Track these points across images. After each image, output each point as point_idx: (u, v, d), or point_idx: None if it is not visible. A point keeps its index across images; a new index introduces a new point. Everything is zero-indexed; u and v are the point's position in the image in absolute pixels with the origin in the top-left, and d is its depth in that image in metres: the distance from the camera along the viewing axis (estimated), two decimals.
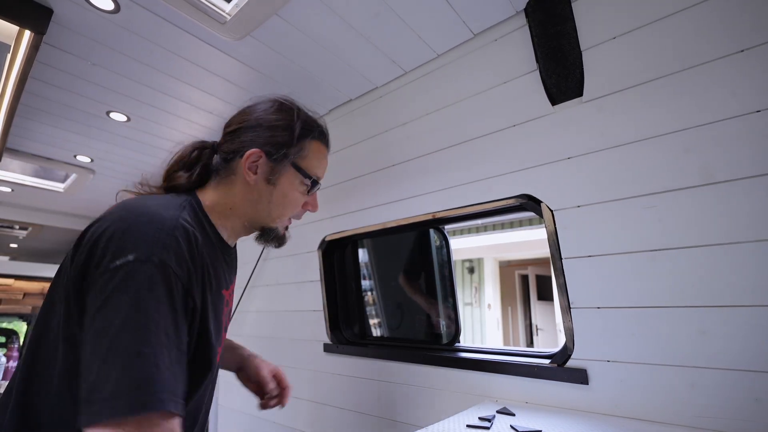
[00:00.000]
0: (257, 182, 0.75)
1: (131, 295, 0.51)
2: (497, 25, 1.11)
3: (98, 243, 0.55)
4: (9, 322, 3.07)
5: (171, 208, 0.63)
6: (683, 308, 0.81)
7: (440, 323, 1.56)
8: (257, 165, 0.74)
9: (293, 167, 0.77)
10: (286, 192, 0.78)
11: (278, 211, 0.78)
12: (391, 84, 1.39)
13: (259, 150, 0.74)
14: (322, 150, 0.83)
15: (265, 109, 0.78)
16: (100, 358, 0.47)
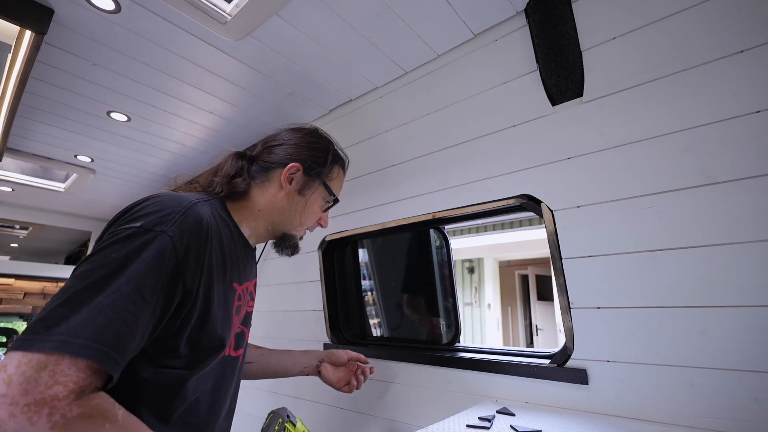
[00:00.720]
0: (290, 192, 0.85)
1: (123, 253, 0.54)
2: (497, 26, 1.11)
3: (121, 215, 0.62)
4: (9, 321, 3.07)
5: (194, 197, 0.70)
6: (683, 308, 0.81)
7: (440, 323, 1.56)
8: (294, 177, 0.85)
9: (322, 185, 0.89)
10: (311, 204, 0.89)
11: (302, 220, 0.88)
12: (391, 84, 1.39)
13: (299, 164, 0.85)
14: (342, 177, 0.97)
15: (307, 133, 0.92)
16: (68, 297, 0.49)
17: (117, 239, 0.56)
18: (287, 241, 0.90)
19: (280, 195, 0.84)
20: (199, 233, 0.63)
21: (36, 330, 0.46)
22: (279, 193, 0.84)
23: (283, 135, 0.92)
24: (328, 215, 0.97)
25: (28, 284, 3.19)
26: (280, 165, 0.85)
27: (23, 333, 0.47)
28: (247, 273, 0.83)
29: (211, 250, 0.66)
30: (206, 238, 0.65)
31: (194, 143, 1.92)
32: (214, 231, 0.68)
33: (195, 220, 0.63)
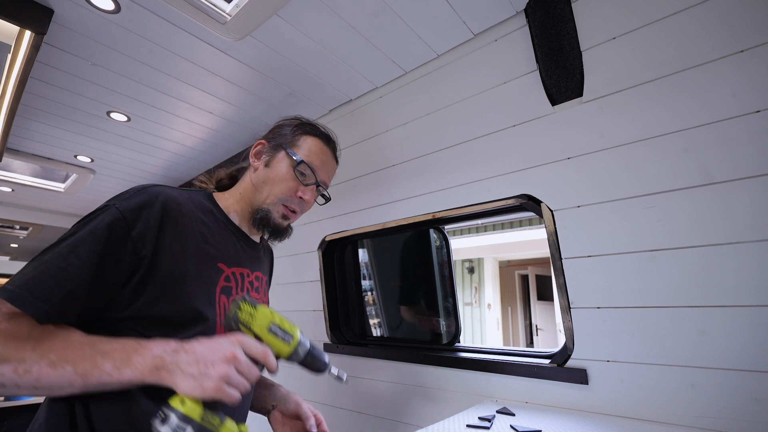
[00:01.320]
0: (259, 168, 0.88)
1: (80, 224, 0.63)
2: (497, 26, 1.11)
3: None
4: None
5: (168, 186, 0.75)
6: (683, 308, 0.81)
7: (440, 323, 1.56)
8: (261, 152, 0.90)
9: (285, 151, 0.88)
10: (276, 172, 0.87)
11: (269, 189, 0.86)
12: (391, 84, 1.39)
13: (262, 141, 0.91)
14: (317, 144, 0.91)
15: (280, 121, 0.95)
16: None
17: (89, 215, 0.64)
18: (261, 220, 0.85)
19: (253, 174, 0.89)
20: (155, 206, 0.67)
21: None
22: (253, 173, 0.89)
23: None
24: (312, 191, 0.89)
25: None
26: (250, 149, 0.91)
27: None
28: (242, 259, 0.84)
29: (180, 225, 0.70)
30: (165, 212, 0.68)
31: (194, 143, 1.92)
32: (186, 209, 0.73)
33: (151, 196, 0.68)
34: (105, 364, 0.55)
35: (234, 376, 0.56)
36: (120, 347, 0.57)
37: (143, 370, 0.56)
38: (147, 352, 0.57)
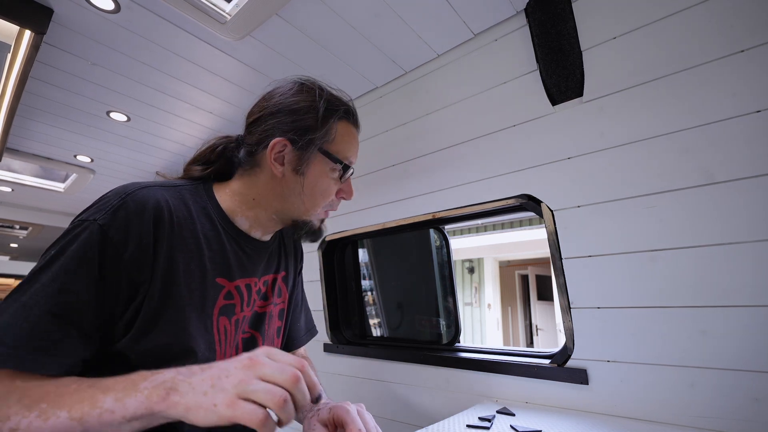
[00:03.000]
0: (285, 173, 0.69)
1: (57, 249, 0.51)
2: (497, 25, 1.11)
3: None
4: None
5: (153, 185, 0.61)
6: (683, 308, 0.81)
7: (440, 323, 1.56)
8: (283, 155, 0.69)
9: (321, 153, 0.70)
10: (316, 181, 0.71)
11: (310, 202, 0.72)
12: (391, 84, 1.39)
13: (283, 138, 0.68)
14: (350, 130, 0.76)
15: (284, 93, 0.72)
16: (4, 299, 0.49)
17: (60, 236, 0.53)
18: (302, 228, 0.75)
19: (275, 180, 0.70)
20: (142, 217, 0.56)
21: None
22: (273, 178, 0.70)
23: (259, 104, 0.74)
24: (350, 183, 0.77)
25: None
26: (262, 145, 0.69)
27: None
28: (246, 267, 0.73)
29: (173, 237, 0.59)
30: (157, 223, 0.57)
31: (194, 143, 1.92)
32: (179, 215, 0.61)
33: (136, 204, 0.56)
34: (105, 401, 0.44)
35: (254, 387, 0.42)
36: (126, 379, 0.46)
37: (150, 395, 0.43)
38: (158, 377, 0.45)
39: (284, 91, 0.72)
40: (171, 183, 0.66)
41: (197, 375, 0.45)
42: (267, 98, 0.73)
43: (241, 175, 0.73)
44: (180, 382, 0.44)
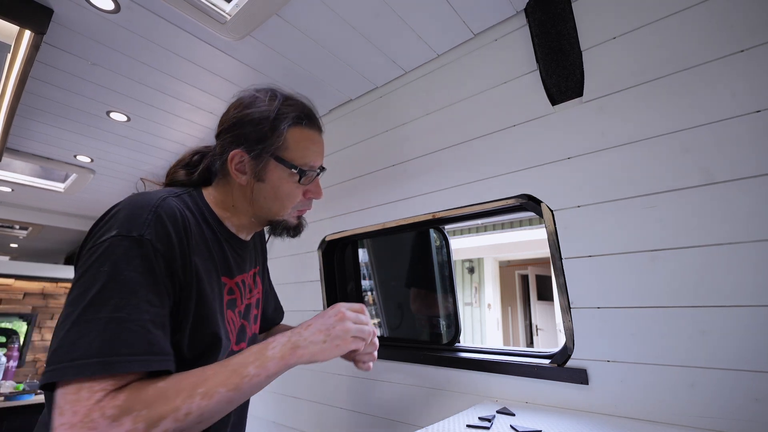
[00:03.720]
0: (248, 181, 0.75)
1: (109, 266, 0.54)
2: (497, 25, 1.11)
3: (93, 227, 0.61)
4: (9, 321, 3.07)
5: (163, 192, 0.67)
6: (683, 308, 0.81)
7: (440, 323, 1.56)
8: (243, 164, 0.74)
9: (275, 160, 0.74)
10: (278, 186, 0.76)
11: (278, 206, 0.78)
12: (391, 84, 1.39)
13: (239, 150, 0.73)
14: (306, 134, 0.78)
15: (238, 105, 0.78)
16: (72, 321, 0.51)
17: (99, 254, 0.55)
18: (279, 226, 0.81)
19: (243, 187, 0.76)
20: (177, 228, 0.62)
21: (54, 360, 0.49)
22: (241, 186, 0.76)
23: (222, 117, 0.80)
24: (318, 183, 0.81)
25: (28, 284, 3.18)
26: (224, 156, 0.75)
27: (47, 365, 0.50)
28: (240, 265, 0.80)
29: (194, 244, 0.65)
30: (185, 231, 0.63)
31: (194, 143, 1.92)
32: (192, 224, 0.67)
33: (169, 216, 0.61)
34: (248, 370, 0.58)
35: (353, 328, 0.65)
36: (246, 354, 0.60)
37: (283, 355, 0.60)
38: (274, 344, 0.61)
39: (239, 103, 0.78)
40: (173, 192, 0.71)
41: (306, 332, 0.64)
42: (226, 111, 0.80)
43: (218, 183, 0.79)
44: (298, 340, 0.62)
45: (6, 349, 2.91)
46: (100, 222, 0.61)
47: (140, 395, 0.51)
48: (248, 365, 0.58)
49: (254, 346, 0.62)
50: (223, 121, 0.79)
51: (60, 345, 0.50)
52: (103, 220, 0.61)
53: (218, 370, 0.57)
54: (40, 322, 3.18)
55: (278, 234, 0.82)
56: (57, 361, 0.49)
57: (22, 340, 3.06)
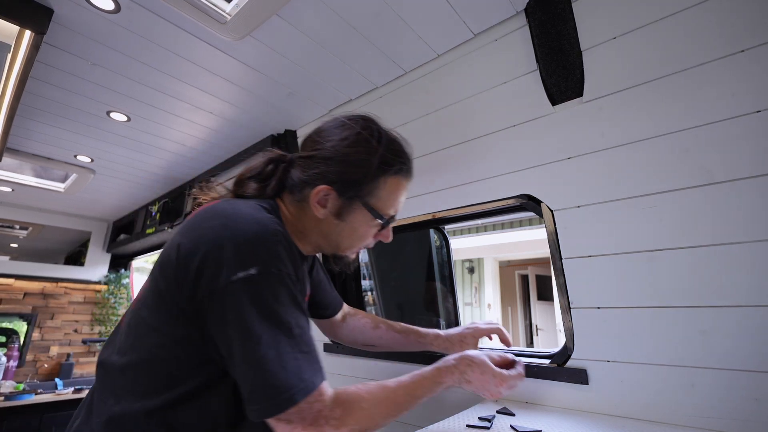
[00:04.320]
0: (327, 216, 0.74)
1: (262, 307, 0.57)
2: (497, 25, 1.11)
3: (209, 256, 0.59)
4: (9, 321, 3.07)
5: (266, 217, 0.66)
6: (684, 308, 0.81)
7: (440, 323, 1.56)
8: (327, 200, 0.73)
9: (364, 207, 0.74)
10: (356, 228, 0.76)
11: (348, 244, 0.78)
12: (391, 84, 1.39)
13: (328, 187, 0.71)
14: (400, 184, 0.78)
15: (341, 139, 0.73)
16: (251, 364, 0.55)
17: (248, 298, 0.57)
18: (338, 260, 0.85)
19: (317, 218, 0.74)
20: (293, 254, 0.64)
21: (273, 395, 0.54)
22: (315, 217, 0.74)
23: (316, 140, 0.77)
24: (390, 229, 0.81)
25: (28, 284, 3.18)
26: (309, 185, 0.73)
27: (266, 402, 0.55)
28: (306, 284, 0.83)
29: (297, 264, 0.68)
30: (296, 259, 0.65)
31: (194, 143, 1.92)
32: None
33: (287, 244, 0.63)
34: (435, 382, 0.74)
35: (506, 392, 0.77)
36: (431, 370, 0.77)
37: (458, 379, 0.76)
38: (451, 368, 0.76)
39: (342, 136, 0.74)
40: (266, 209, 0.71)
41: (471, 371, 0.76)
42: (323, 136, 0.76)
43: (290, 203, 0.77)
44: (467, 377, 0.76)
45: (6, 349, 2.91)
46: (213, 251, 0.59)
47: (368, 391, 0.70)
48: (438, 379, 0.75)
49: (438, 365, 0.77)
50: (315, 146, 0.75)
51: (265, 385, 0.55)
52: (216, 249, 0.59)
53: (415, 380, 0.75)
54: (40, 322, 3.18)
55: (334, 265, 0.86)
56: (264, 399, 0.54)
57: (22, 340, 3.06)
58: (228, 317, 0.56)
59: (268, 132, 1.80)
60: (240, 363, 0.56)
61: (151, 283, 0.66)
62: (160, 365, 0.61)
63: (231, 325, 0.56)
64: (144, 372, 0.62)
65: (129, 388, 0.62)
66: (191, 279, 0.59)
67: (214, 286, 0.57)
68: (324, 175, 0.72)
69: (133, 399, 0.60)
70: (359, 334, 1.11)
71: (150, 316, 0.63)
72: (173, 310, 0.61)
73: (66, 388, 2.84)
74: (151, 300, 0.64)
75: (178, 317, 0.61)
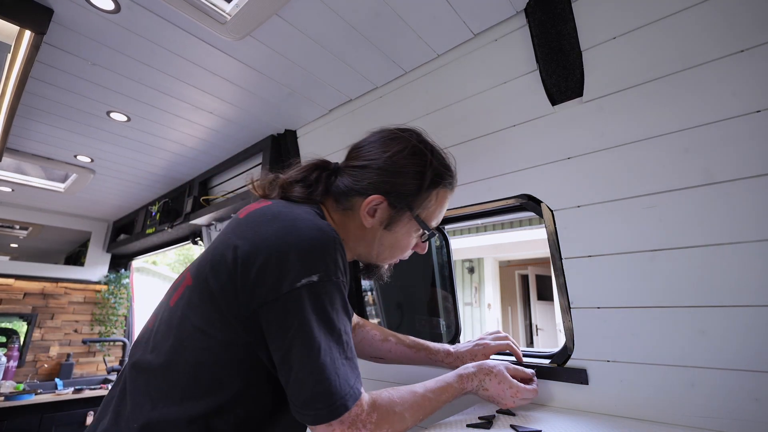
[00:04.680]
0: (374, 225, 0.75)
1: (321, 314, 0.58)
2: (497, 25, 1.11)
3: (272, 260, 0.59)
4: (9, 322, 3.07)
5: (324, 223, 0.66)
6: (683, 308, 0.81)
7: (440, 323, 1.56)
8: (377, 209, 0.74)
9: (414, 219, 0.76)
10: (400, 238, 0.78)
11: (388, 253, 0.80)
12: (391, 84, 1.39)
13: (380, 197, 0.73)
14: (446, 197, 0.82)
15: (398, 150, 0.76)
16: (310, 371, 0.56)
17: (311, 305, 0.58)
18: (372, 270, 0.86)
19: (362, 227, 0.76)
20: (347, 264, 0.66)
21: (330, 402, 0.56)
22: (361, 225, 0.76)
23: (369, 150, 0.79)
24: (426, 243, 0.85)
25: (28, 284, 3.18)
26: (360, 194, 0.74)
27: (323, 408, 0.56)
28: None
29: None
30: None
31: (194, 143, 1.92)
32: None
33: (343, 253, 0.64)
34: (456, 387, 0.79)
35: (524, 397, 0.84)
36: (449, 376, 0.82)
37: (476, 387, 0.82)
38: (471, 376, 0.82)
39: (397, 149, 0.77)
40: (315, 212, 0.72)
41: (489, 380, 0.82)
42: (377, 146, 0.79)
43: (335, 210, 0.78)
44: (485, 385, 0.82)
45: (6, 349, 2.91)
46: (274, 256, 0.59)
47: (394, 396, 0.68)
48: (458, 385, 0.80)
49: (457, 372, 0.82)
50: (370, 156, 0.77)
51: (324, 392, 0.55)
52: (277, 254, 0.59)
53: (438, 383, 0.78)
54: (40, 322, 3.18)
55: (366, 274, 0.86)
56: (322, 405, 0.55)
57: (22, 340, 3.06)
58: (289, 323, 0.56)
59: (268, 132, 1.80)
60: (299, 369, 0.56)
61: (198, 282, 0.64)
62: (203, 369, 0.59)
63: (291, 331, 0.56)
64: (185, 375, 0.59)
65: (167, 391, 0.59)
66: (250, 282, 0.58)
67: (277, 292, 0.57)
68: (377, 185, 0.74)
69: (171, 403, 0.58)
70: (368, 346, 1.10)
71: (195, 317, 0.61)
72: (225, 312, 0.59)
73: (66, 388, 2.84)
74: (198, 300, 0.62)
75: (229, 320, 0.59)
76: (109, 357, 3.41)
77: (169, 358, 0.61)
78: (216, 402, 0.59)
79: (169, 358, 0.61)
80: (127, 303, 3.60)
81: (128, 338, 3.49)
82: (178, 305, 0.65)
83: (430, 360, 1.07)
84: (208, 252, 0.67)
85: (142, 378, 0.62)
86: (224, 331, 0.59)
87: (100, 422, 0.63)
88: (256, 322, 0.58)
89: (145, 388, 0.61)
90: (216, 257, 0.63)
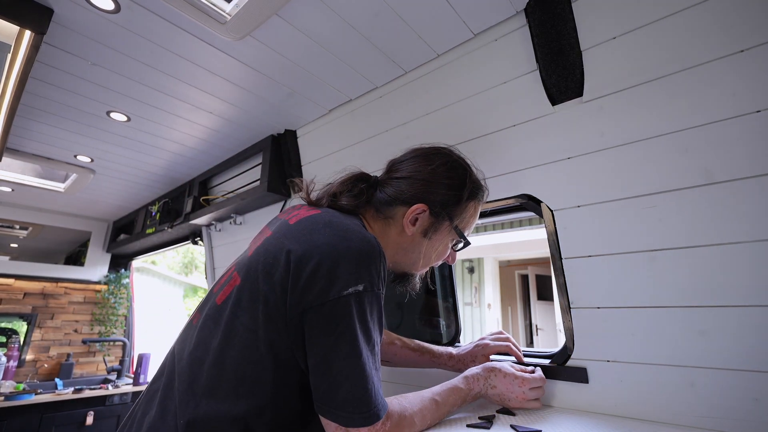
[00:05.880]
0: (414, 233, 0.80)
1: (363, 323, 0.61)
2: (497, 25, 1.11)
3: (323, 266, 0.61)
4: (9, 321, 3.07)
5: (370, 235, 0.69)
6: (683, 308, 0.81)
7: (440, 323, 1.56)
8: (418, 218, 0.79)
9: (453, 229, 0.81)
10: (437, 246, 0.83)
11: (425, 262, 0.84)
12: (391, 84, 1.39)
13: (424, 205, 0.78)
14: (477, 209, 0.87)
15: (440, 164, 0.81)
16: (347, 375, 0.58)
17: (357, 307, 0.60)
18: (406, 280, 0.88)
19: (402, 235, 0.80)
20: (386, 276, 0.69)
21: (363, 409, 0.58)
22: (401, 233, 0.80)
23: (410, 164, 0.84)
24: (456, 253, 0.89)
25: (28, 284, 3.18)
26: (404, 203, 0.79)
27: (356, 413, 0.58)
28: None
29: None
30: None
31: (194, 143, 1.92)
32: None
33: (385, 264, 0.67)
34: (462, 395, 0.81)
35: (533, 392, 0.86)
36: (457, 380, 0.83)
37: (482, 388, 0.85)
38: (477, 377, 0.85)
39: (440, 162, 0.82)
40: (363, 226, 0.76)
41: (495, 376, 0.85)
42: (421, 161, 0.83)
43: (374, 219, 0.82)
44: (491, 383, 0.85)
45: (6, 349, 2.91)
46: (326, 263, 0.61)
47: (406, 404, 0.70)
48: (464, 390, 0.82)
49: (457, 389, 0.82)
50: (414, 169, 0.82)
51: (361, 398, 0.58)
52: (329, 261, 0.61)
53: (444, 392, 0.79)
54: (40, 322, 3.18)
55: (398, 283, 0.88)
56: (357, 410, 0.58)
57: (22, 340, 3.06)
58: (333, 328, 0.59)
59: (268, 132, 1.80)
60: (338, 372, 0.58)
61: (249, 282, 0.66)
62: (248, 367, 0.61)
63: (335, 335, 0.59)
64: (231, 373, 0.61)
65: (212, 388, 0.61)
66: (300, 286, 0.60)
67: (325, 297, 0.59)
68: (421, 195, 0.79)
69: (215, 402, 0.59)
70: None
71: (244, 316, 0.63)
72: (273, 313, 0.61)
73: (66, 388, 2.84)
74: (247, 300, 0.64)
75: (277, 322, 0.61)
76: (109, 357, 3.41)
77: (216, 355, 0.62)
78: (255, 402, 0.60)
79: (216, 355, 0.62)
80: (127, 303, 3.60)
81: (128, 338, 3.49)
82: (226, 303, 0.67)
83: (434, 363, 1.09)
84: (258, 254, 0.69)
85: (187, 374, 0.63)
86: (271, 332, 0.61)
87: (146, 415, 0.65)
88: (299, 325, 0.61)
89: (191, 384, 0.62)
90: (268, 259, 0.65)
